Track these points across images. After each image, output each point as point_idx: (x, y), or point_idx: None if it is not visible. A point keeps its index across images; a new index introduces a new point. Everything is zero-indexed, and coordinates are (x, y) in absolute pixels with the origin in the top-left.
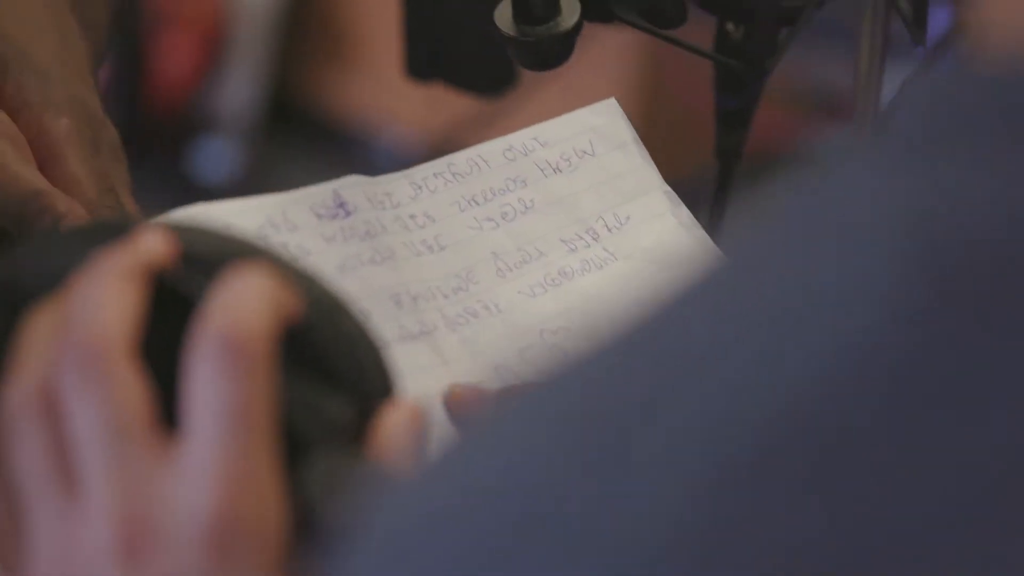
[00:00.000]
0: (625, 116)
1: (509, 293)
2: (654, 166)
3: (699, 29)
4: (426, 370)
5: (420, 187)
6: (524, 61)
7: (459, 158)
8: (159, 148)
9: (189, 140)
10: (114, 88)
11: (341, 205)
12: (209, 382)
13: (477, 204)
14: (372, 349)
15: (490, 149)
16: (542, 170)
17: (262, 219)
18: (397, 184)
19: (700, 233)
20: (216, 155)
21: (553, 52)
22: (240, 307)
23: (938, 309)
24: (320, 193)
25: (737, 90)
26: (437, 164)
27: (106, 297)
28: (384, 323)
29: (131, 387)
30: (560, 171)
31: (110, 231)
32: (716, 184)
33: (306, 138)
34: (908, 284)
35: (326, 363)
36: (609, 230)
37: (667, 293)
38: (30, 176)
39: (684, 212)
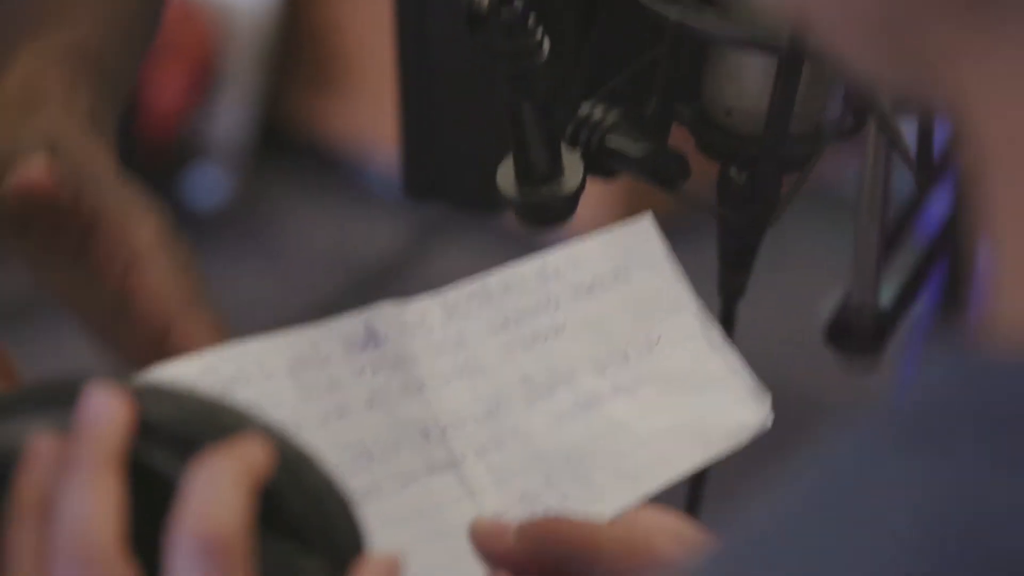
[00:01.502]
0: (659, 233)
1: (538, 418)
2: (686, 285)
3: (702, 167)
4: (453, 504)
5: (454, 310)
6: (527, 220)
7: (492, 280)
8: (151, 176)
9: (181, 168)
10: None
11: (372, 335)
12: None
13: (509, 327)
14: (341, 505)
15: (524, 271)
16: (575, 291)
17: (294, 354)
18: (429, 308)
19: (730, 354)
20: (208, 182)
21: (557, 212)
22: (214, 502)
23: None
24: (351, 323)
25: (740, 234)
26: (471, 287)
27: (91, 492)
28: (412, 457)
29: None
30: (593, 292)
31: (66, 396)
32: (720, 320)
33: (298, 165)
34: (928, 566)
35: (297, 525)
36: (640, 353)
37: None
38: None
39: (715, 333)
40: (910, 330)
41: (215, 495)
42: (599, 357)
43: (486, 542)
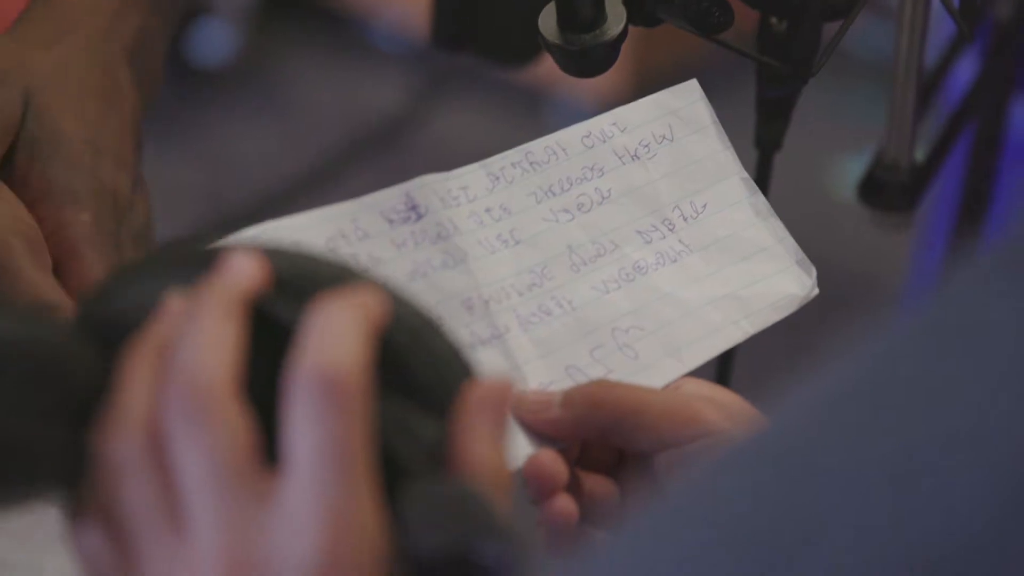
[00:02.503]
0: (705, 98)
1: (583, 289)
2: (732, 150)
3: (740, 17)
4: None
5: (498, 178)
6: (569, 68)
7: (537, 146)
8: None
9: (187, 24)
10: None
11: (413, 208)
12: (307, 422)
13: (554, 195)
14: (463, 369)
15: (568, 136)
16: (620, 158)
17: (332, 231)
18: (474, 176)
19: (776, 222)
20: (214, 38)
21: (599, 60)
22: (333, 342)
23: None
24: (391, 197)
25: (779, 85)
26: (514, 153)
27: (209, 336)
28: (456, 329)
29: (237, 429)
30: (638, 158)
31: (196, 258)
32: (756, 174)
33: (304, 20)
34: None
35: (417, 385)
36: (685, 220)
37: (802, 399)
38: (45, 286)
39: (761, 200)
40: (941, 188)
41: (335, 336)
42: (644, 225)
43: (531, 413)
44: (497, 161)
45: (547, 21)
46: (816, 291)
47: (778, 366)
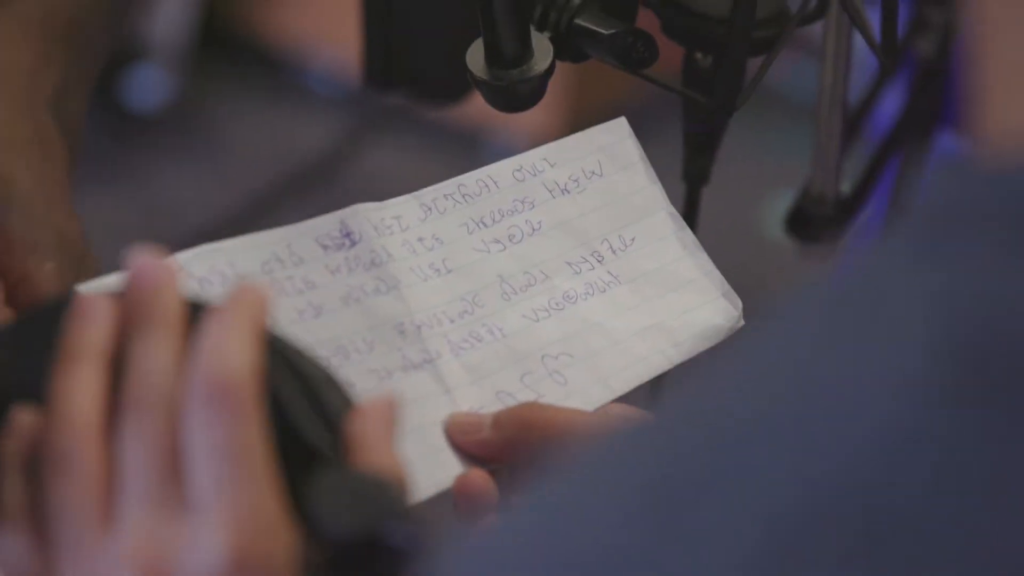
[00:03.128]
0: (633, 135)
1: (514, 317)
2: (660, 186)
3: (666, 53)
4: (429, 399)
5: (430, 208)
6: (496, 104)
7: (469, 179)
8: None
9: (122, 68)
10: None
11: (347, 235)
12: (203, 426)
13: (485, 226)
14: (325, 372)
15: (500, 170)
16: (550, 191)
17: (267, 255)
18: (407, 206)
19: (702, 256)
20: (149, 82)
21: (526, 95)
22: (223, 348)
23: (969, 398)
24: (326, 224)
25: (705, 119)
26: (447, 185)
27: (162, 342)
28: (388, 354)
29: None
30: (568, 192)
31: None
32: (684, 208)
33: (240, 64)
34: (941, 373)
35: (304, 377)
36: (614, 252)
37: (713, 365)
38: None
39: (688, 235)
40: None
41: (223, 341)
42: (574, 256)
43: (462, 435)
44: (430, 192)
45: (475, 57)
46: (742, 322)
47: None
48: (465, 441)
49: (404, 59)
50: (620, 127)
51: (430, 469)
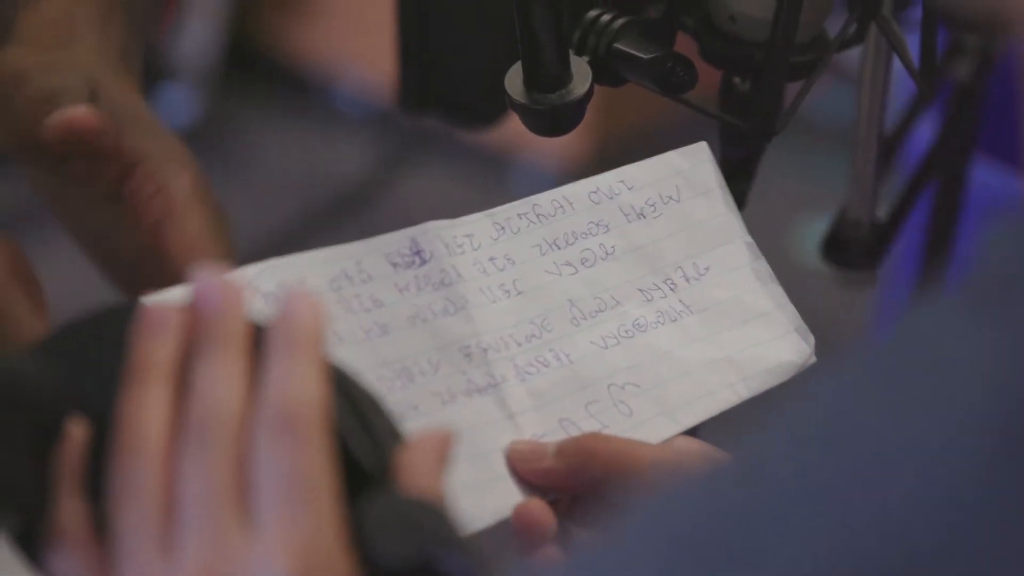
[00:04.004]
0: (713, 160)
1: (582, 343)
2: (737, 214)
3: (704, 78)
4: (491, 424)
5: (503, 228)
6: (535, 128)
7: (544, 199)
8: None
9: (149, 88)
10: None
11: (418, 252)
12: (272, 454)
13: (558, 248)
14: (373, 398)
15: (576, 191)
16: (626, 215)
17: (336, 271)
18: (479, 225)
19: (776, 288)
20: (177, 102)
21: (565, 119)
22: (292, 378)
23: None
24: (397, 241)
25: (742, 144)
26: (521, 205)
27: (225, 372)
28: (452, 376)
29: (231, 457)
30: (644, 216)
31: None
32: None
33: (266, 84)
34: (999, 445)
35: (355, 402)
36: (687, 280)
37: (768, 427)
38: (41, 332)
39: (763, 265)
40: (902, 249)
41: (292, 372)
42: (646, 283)
43: (524, 462)
44: (503, 211)
45: (513, 81)
46: (814, 359)
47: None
48: (526, 469)
49: (440, 82)
50: (700, 151)
51: (489, 497)
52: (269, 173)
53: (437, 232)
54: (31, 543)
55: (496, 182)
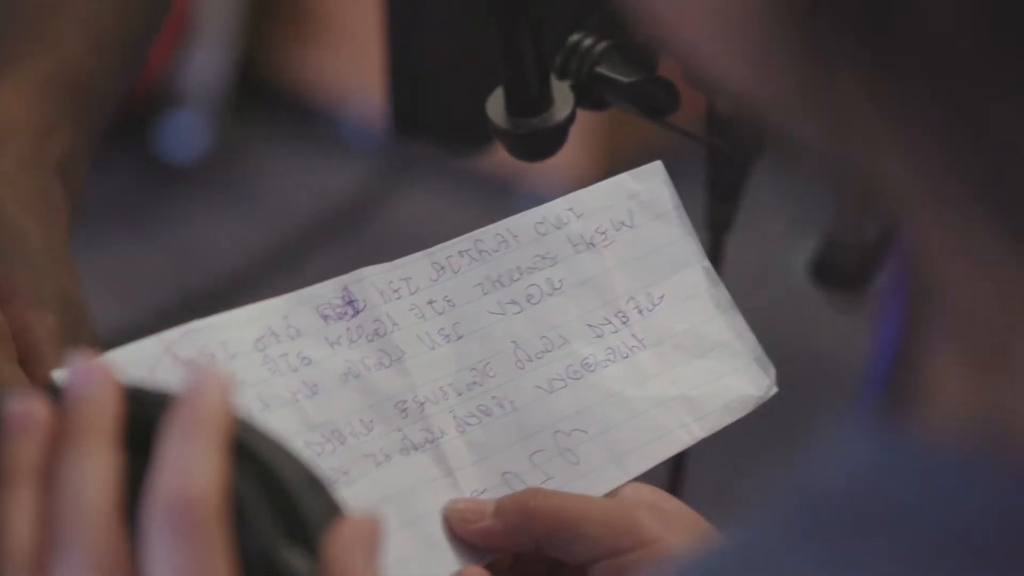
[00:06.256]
0: (669, 181)
1: (527, 388)
2: (695, 237)
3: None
4: (429, 484)
5: (443, 267)
6: (516, 152)
7: (487, 234)
8: (127, 125)
9: (157, 117)
10: None
11: (350, 303)
12: (165, 548)
13: (502, 285)
14: (328, 505)
15: (521, 223)
16: (574, 245)
17: (263, 329)
18: (417, 266)
19: (736, 315)
20: (184, 131)
21: (546, 144)
22: (185, 465)
23: None
24: (328, 291)
25: (729, 167)
26: (463, 241)
27: (90, 465)
28: (387, 435)
29: (111, 552)
30: (594, 245)
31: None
32: (708, 256)
33: (274, 113)
34: None
35: (278, 482)
36: (640, 312)
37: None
38: (12, 377)
39: (722, 292)
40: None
41: (185, 458)
42: (596, 318)
43: (462, 523)
44: (443, 250)
45: (495, 106)
46: (774, 390)
47: (737, 445)
48: (465, 530)
49: (428, 108)
50: (655, 172)
51: (427, 566)
52: (273, 201)
53: (372, 279)
54: None
55: (498, 205)
